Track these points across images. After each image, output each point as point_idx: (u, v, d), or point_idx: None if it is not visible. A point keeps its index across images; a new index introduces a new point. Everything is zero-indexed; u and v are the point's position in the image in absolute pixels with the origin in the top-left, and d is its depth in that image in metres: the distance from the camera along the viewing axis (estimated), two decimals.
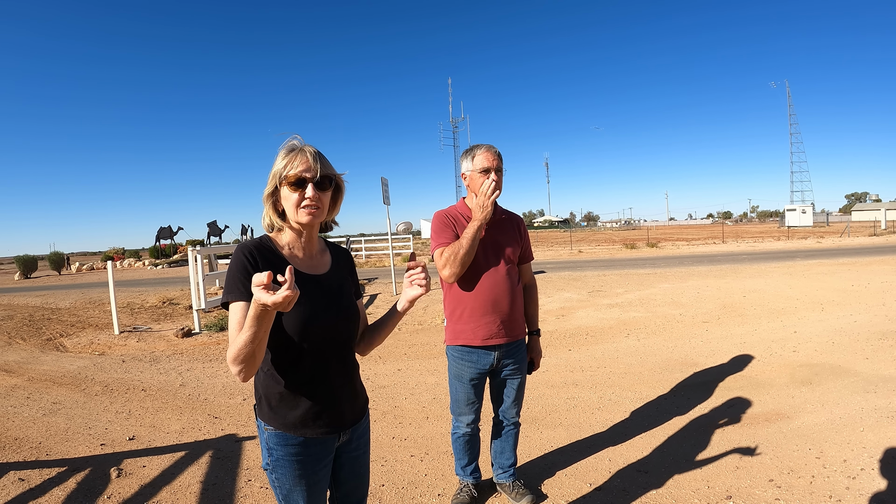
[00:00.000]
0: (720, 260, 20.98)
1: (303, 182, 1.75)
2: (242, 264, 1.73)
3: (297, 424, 1.82)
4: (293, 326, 1.75)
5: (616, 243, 38.70)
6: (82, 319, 11.96)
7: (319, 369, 1.84)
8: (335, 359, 1.88)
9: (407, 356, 7.37)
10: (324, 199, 1.81)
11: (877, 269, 14.65)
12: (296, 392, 1.82)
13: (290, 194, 1.76)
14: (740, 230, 62.36)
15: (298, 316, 1.75)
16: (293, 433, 1.82)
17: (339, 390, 1.90)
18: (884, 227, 44.94)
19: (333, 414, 1.88)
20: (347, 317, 1.92)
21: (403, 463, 4.05)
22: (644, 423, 4.67)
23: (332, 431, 1.89)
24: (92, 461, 4.23)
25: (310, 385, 1.83)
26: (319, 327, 1.80)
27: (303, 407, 1.82)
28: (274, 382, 1.82)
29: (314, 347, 1.81)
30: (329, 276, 1.93)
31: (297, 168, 1.75)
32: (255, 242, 1.82)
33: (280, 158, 1.79)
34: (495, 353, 3.13)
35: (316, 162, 1.77)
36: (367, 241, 32.93)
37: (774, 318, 8.77)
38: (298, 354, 1.79)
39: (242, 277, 1.70)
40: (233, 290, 1.70)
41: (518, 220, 3.31)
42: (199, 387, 6.20)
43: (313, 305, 1.80)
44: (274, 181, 1.79)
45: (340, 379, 1.91)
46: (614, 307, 10.57)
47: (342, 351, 1.92)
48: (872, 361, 6.04)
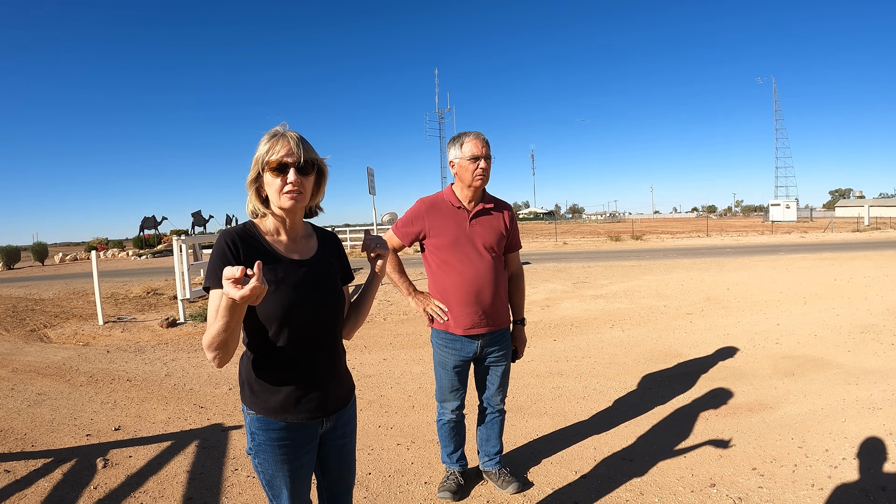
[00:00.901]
0: (704, 253, 21.10)
1: (285, 167, 1.75)
2: (223, 252, 1.73)
3: (278, 409, 1.82)
4: (276, 311, 1.75)
5: (601, 235, 38.82)
6: (66, 310, 11.86)
7: (302, 354, 1.84)
8: (319, 343, 1.88)
9: (392, 346, 7.39)
10: (306, 184, 1.80)
11: (859, 264, 14.81)
12: (278, 376, 1.82)
13: (273, 180, 1.76)
14: (725, 224, 62.71)
15: (281, 301, 1.76)
16: (275, 418, 1.83)
17: (322, 375, 1.90)
18: (867, 224, 45.37)
19: (316, 399, 1.88)
20: (332, 302, 1.92)
21: (390, 451, 4.07)
22: (628, 412, 4.71)
23: (314, 417, 1.89)
24: (78, 452, 4.20)
25: (292, 369, 1.83)
26: (303, 312, 1.81)
27: (284, 391, 1.83)
28: (256, 367, 1.83)
29: (297, 332, 1.81)
30: (314, 260, 1.92)
31: (279, 153, 1.74)
32: (238, 229, 1.82)
33: (262, 144, 1.78)
34: (478, 341, 3.15)
35: (298, 147, 1.76)
36: (351, 232, 32.76)
37: (758, 310, 8.85)
38: (281, 339, 1.79)
39: (222, 264, 1.70)
40: (211, 277, 1.71)
41: (506, 208, 3.31)
42: (184, 377, 6.18)
43: (297, 290, 1.80)
44: (257, 167, 1.79)
45: (324, 364, 1.91)
46: (599, 298, 10.62)
47: (326, 335, 1.91)
48: (854, 354, 6.12)
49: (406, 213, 3.24)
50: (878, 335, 6.93)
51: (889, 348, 6.29)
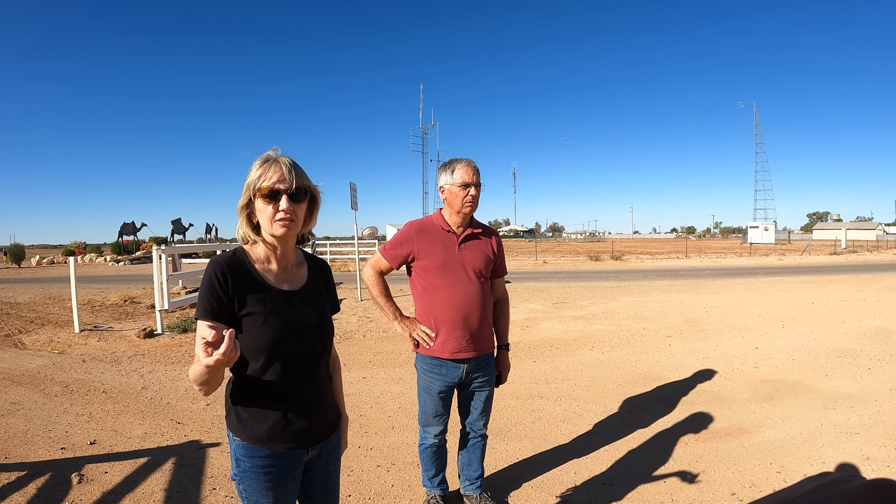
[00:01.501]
0: (683, 275, 21.31)
1: (277, 194, 1.73)
2: (212, 285, 1.73)
3: (264, 438, 1.81)
4: (265, 342, 1.74)
5: (581, 255, 39.01)
6: (42, 315, 11.69)
7: (289, 384, 1.83)
8: (306, 374, 1.88)
9: (372, 364, 7.34)
10: (298, 212, 1.79)
11: (837, 288, 15.04)
12: (264, 406, 1.81)
13: (265, 207, 1.75)
14: (703, 245, 63.37)
15: (270, 332, 1.75)
16: (260, 446, 1.82)
17: (308, 406, 1.89)
18: (844, 247, 46.13)
19: (302, 429, 1.87)
20: (320, 333, 1.91)
21: (370, 473, 4.04)
22: (608, 435, 4.73)
23: (299, 446, 1.89)
24: (52, 465, 4.13)
25: (279, 399, 1.82)
26: (291, 343, 1.80)
27: (270, 421, 1.82)
28: (243, 395, 1.82)
29: (285, 362, 1.80)
30: (304, 290, 1.92)
31: (271, 179, 1.73)
32: (228, 258, 1.80)
33: (254, 169, 1.77)
34: (464, 365, 3.15)
35: (291, 173, 1.75)
36: (332, 245, 32.59)
37: (736, 333, 8.93)
38: (269, 369, 1.79)
39: (210, 297, 1.71)
40: (199, 309, 1.71)
41: (493, 234, 3.33)
42: (161, 390, 6.10)
43: (285, 321, 1.79)
44: (248, 192, 1.77)
45: (310, 395, 1.90)
46: (579, 319, 10.66)
47: (313, 366, 1.91)
48: (832, 378, 6.19)
49: (395, 236, 3.24)
50: (856, 359, 7.02)
51: (866, 372, 6.37)
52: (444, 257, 3.10)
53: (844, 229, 54.67)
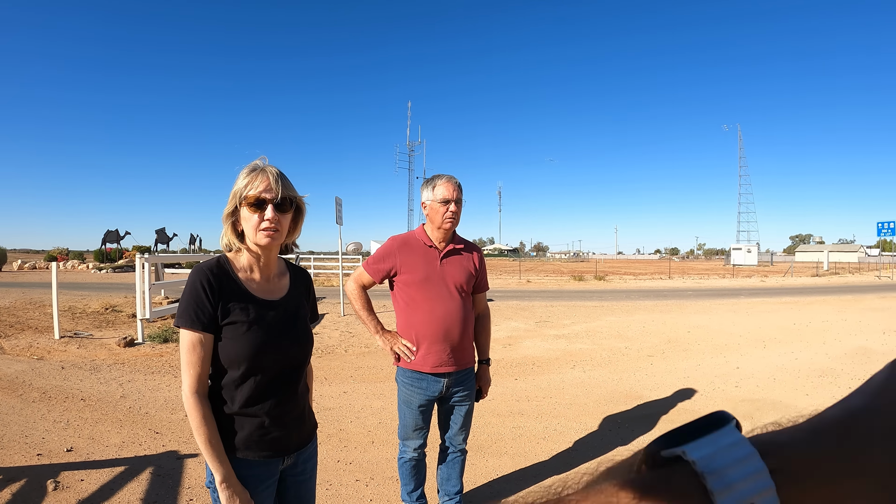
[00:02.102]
0: (666, 295, 21.41)
1: (263, 203, 1.75)
2: (197, 294, 1.73)
3: (240, 446, 1.81)
4: (246, 352, 1.75)
5: (564, 274, 39.06)
6: (21, 320, 11.56)
7: (268, 393, 1.83)
8: (284, 384, 1.88)
9: (353, 379, 7.31)
10: (283, 222, 1.80)
11: (818, 309, 15.19)
12: (241, 415, 1.81)
13: (250, 215, 1.76)
14: (687, 267, 63.78)
15: (250, 342, 1.76)
16: (236, 455, 1.81)
17: (285, 415, 1.90)
18: (826, 269, 46.53)
19: (278, 438, 1.88)
20: (300, 343, 1.93)
21: (348, 487, 4.03)
22: (589, 453, 4.74)
23: (275, 455, 1.89)
24: (28, 472, 4.08)
25: (256, 409, 1.82)
26: (271, 353, 1.81)
27: (247, 430, 1.82)
28: (220, 404, 1.82)
29: (265, 372, 1.81)
30: (285, 300, 1.93)
31: (258, 189, 1.74)
32: (212, 265, 1.82)
33: (241, 178, 1.78)
34: (444, 380, 3.16)
35: (277, 183, 1.76)
36: (315, 260, 32.53)
37: (718, 353, 8.99)
38: (247, 379, 1.79)
39: (196, 306, 1.72)
40: (183, 316, 1.72)
41: (475, 249, 3.36)
42: (140, 399, 6.05)
43: (266, 331, 1.81)
44: (234, 201, 1.79)
45: (288, 404, 1.91)
46: (561, 338, 10.68)
47: (292, 376, 1.91)
48: (812, 398, 6.25)
49: (377, 251, 3.26)
50: (836, 379, 7.11)
51: (846, 391, 6.24)
52: (426, 272, 3.12)
53: (827, 251, 55.26)
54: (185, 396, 1.71)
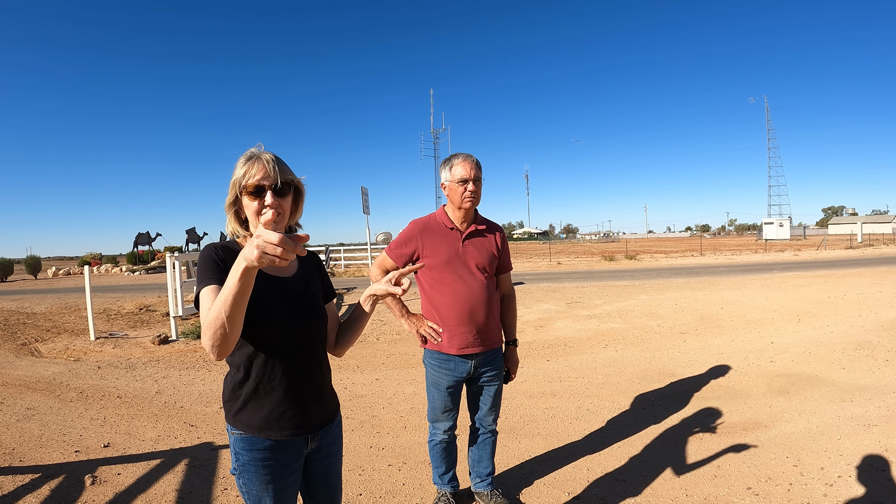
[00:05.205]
0: (698, 272, 21.14)
1: (261, 190, 1.77)
2: (212, 259, 1.74)
3: (261, 426, 1.82)
4: (258, 328, 1.76)
5: (595, 255, 38.80)
6: (58, 324, 11.81)
7: (284, 371, 1.84)
8: (300, 361, 1.88)
9: (385, 366, 7.35)
10: (284, 205, 1.82)
11: (853, 281, 14.88)
12: (260, 394, 1.82)
13: (251, 203, 1.79)
14: (718, 243, 63.08)
15: (263, 318, 1.76)
16: (259, 435, 1.83)
17: (304, 392, 1.89)
18: (860, 241, 45.70)
19: (299, 415, 1.88)
20: (313, 319, 1.93)
21: (381, 472, 4.04)
22: (622, 432, 4.69)
23: (298, 433, 1.89)
24: (66, 468, 4.16)
25: (274, 387, 1.83)
26: (284, 329, 1.82)
27: (267, 408, 1.83)
28: (238, 385, 1.84)
29: (279, 350, 1.82)
30: (295, 278, 1.94)
31: (256, 177, 1.77)
32: (223, 244, 1.84)
33: (239, 167, 1.81)
34: (472, 361, 3.15)
35: (274, 169, 1.78)
36: (346, 251, 32.81)
37: (752, 329, 8.86)
38: (263, 357, 1.81)
39: (212, 269, 1.71)
40: (203, 279, 1.70)
41: (497, 230, 3.33)
42: (175, 394, 6.14)
43: (278, 308, 1.82)
44: (234, 190, 1.82)
45: (306, 381, 1.90)
46: (592, 318, 10.61)
47: (308, 353, 1.91)
48: (849, 371, 6.12)
49: (399, 235, 3.25)
50: (873, 351, 6.94)
51: (883, 364, 6.30)
52: (448, 254, 3.11)
53: (860, 223, 54.06)
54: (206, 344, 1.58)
